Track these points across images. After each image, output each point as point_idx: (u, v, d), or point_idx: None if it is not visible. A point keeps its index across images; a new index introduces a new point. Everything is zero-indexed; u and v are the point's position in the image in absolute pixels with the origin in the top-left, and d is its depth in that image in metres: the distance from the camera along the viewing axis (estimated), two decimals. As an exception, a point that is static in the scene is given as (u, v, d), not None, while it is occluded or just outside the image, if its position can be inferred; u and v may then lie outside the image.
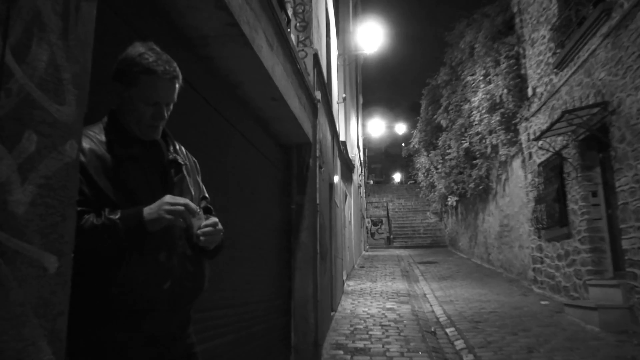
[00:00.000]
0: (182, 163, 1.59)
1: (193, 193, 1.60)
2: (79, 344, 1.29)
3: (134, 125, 1.46)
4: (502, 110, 10.50)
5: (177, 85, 1.50)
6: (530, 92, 9.54)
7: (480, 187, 12.93)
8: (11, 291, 0.92)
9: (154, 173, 1.50)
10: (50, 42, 1.03)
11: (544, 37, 8.69)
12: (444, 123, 14.93)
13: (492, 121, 10.91)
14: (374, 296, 9.16)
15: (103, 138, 1.41)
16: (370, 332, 6.34)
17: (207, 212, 1.66)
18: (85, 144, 1.34)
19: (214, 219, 1.52)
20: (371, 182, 37.56)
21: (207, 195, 1.76)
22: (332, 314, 7.22)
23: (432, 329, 6.58)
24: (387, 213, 24.51)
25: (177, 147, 1.65)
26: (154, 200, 1.40)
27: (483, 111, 11.39)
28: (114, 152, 1.39)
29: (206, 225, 1.47)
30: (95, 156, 1.36)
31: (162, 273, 1.41)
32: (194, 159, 1.76)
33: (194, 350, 1.59)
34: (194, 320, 1.64)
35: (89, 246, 1.26)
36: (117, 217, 1.31)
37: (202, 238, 1.44)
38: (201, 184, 1.75)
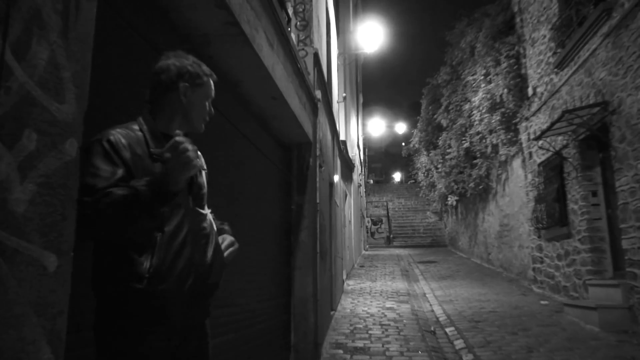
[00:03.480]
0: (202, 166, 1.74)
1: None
2: (101, 333, 1.38)
3: (196, 122, 1.67)
4: (503, 109, 10.50)
5: None
6: (530, 91, 9.53)
7: (480, 187, 12.93)
8: (10, 290, 0.91)
9: None
10: (50, 41, 1.03)
11: (545, 36, 8.69)
12: (444, 122, 14.93)
13: (493, 121, 10.91)
14: (373, 295, 9.16)
15: (141, 136, 1.51)
16: (370, 332, 6.34)
17: None
18: (126, 140, 1.44)
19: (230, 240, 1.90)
20: (371, 181, 37.56)
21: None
22: (331, 313, 7.22)
23: (432, 329, 6.58)
24: (387, 212, 24.51)
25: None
26: (181, 197, 1.50)
27: (483, 111, 11.39)
28: (150, 151, 1.50)
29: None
30: (134, 153, 1.44)
31: (186, 267, 1.48)
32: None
33: (207, 340, 1.67)
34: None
35: (117, 217, 1.30)
36: (141, 183, 1.36)
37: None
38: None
